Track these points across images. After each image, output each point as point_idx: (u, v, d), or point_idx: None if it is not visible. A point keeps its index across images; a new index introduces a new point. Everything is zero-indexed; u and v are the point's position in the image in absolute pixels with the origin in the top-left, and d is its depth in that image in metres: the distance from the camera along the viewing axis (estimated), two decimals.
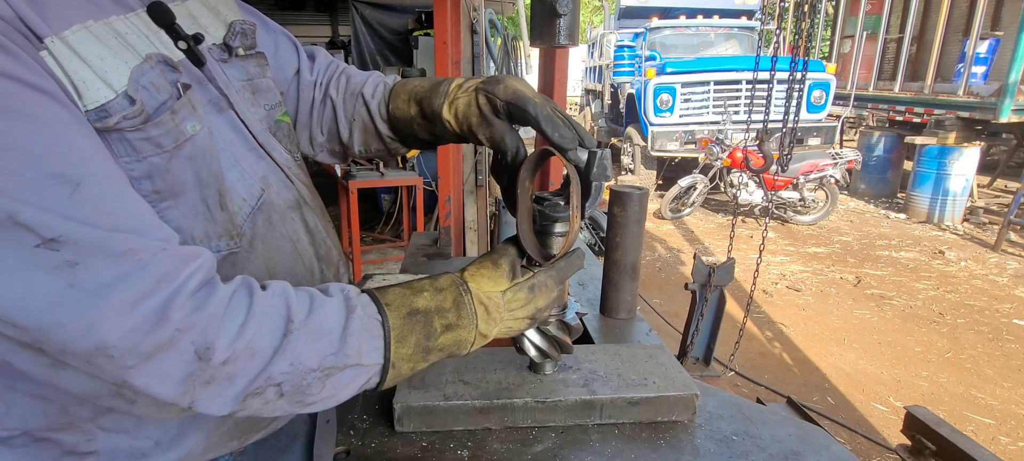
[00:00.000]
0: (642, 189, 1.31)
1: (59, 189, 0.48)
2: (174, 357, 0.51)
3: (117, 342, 0.48)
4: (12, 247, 0.45)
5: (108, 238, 0.49)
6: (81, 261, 0.47)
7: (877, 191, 8.46)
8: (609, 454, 0.84)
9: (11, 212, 0.45)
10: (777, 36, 3.31)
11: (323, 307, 0.62)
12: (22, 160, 0.47)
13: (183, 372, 0.52)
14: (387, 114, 0.93)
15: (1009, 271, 5.38)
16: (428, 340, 0.68)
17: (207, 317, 0.53)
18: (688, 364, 1.46)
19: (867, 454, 2.83)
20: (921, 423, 1.16)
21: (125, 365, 0.49)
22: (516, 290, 0.74)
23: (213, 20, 0.76)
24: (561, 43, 1.15)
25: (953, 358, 3.81)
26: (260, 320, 0.56)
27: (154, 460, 0.65)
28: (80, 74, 0.54)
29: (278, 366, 0.57)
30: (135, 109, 0.58)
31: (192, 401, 0.54)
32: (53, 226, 0.46)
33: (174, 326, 0.50)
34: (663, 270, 5.59)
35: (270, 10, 9.61)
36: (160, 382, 0.51)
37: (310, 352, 0.59)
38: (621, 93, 9.48)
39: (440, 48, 2.08)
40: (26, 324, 0.46)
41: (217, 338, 0.53)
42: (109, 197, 0.52)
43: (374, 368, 0.65)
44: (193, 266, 0.54)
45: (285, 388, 0.58)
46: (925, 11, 8.56)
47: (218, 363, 0.53)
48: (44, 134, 0.49)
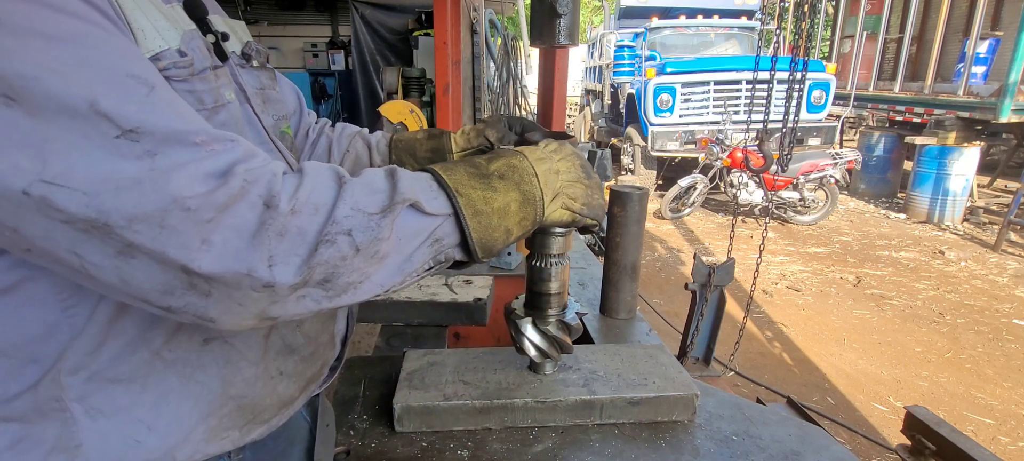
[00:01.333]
0: (642, 189, 1.31)
1: (137, 87, 0.50)
2: (246, 207, 0.52)
3: (191, 195, 0.49)
4: (92, 136, 0.47)
5: (183, 130, 0.51)
6: (159, 151, 0.49)
7: (877, 191, 8.46)
8: (609, 454, 0.84)
9: (92, 100, 0.47)
10: (777, 36, 3.31)
11: (367, 171, 0.63)
12: (102, 57, 0.49)
13: (256, 222, 0.52)
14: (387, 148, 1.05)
15: (1009, 271, 5.38)
16: (478, 169, 0.69)
17: (269, 173, 0.54)
18: (688, 364, 1.46)
19: (867, 454, 2.83)
20: (921, 423, 1.16)
21: (202, 218, 0.50)
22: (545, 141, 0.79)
23: (232, 36, 0.80)
24: (561, 43, 1.15)
25: (953, 358, 3.81)
26: (313, 179, 0.58)
27: (149, 448, 0.63)
28: (139, 22, 0.57)
29: (341, 210, 0.57)
30: (186, 61, 0.62)
31: (270, 258, 0.53)
32: (132, 117, 0.48)
33: (241, 178, 0.52)
34: (663, 270, 5.59)
35: (271, 10, 9.62)
36: (237, 235, 0.51)
37: (367, 199, 0.59)
38: (621, 93, 9.48)
39: (440, 48, 2.09)
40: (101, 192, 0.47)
41: (280, 190, 0.54)
42: (180, 102, 0.54)
43: (442, 219, 0.64)
44: (260, 155, 0.56)
45: (356, 235, 0.57)
46: (925, 11, 8.56)
47: (286, 211, 0.54)
48: (119, 41, 0.52)
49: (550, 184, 0.74)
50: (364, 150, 1.06)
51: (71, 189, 0.46)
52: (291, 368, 0.76)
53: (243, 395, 0.70)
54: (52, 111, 0.46)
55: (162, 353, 0.63)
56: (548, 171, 0.74)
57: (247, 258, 0.52)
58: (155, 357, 0.63)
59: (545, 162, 0.75)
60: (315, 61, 9.92)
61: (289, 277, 0.54)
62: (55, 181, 0.46)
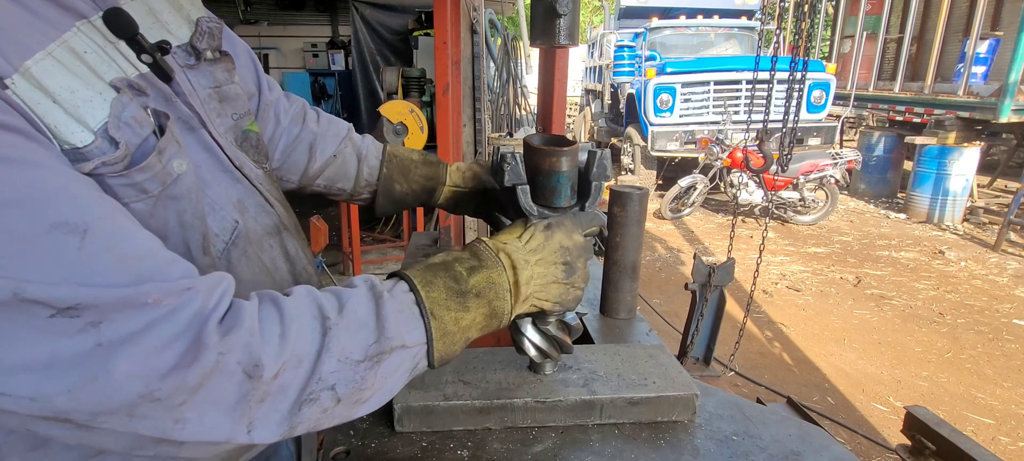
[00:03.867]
0: (642, 189, 1.31)
1: (65, 242, 0.42)
2: (224, 380, 0.47)
3: (161, 381, 0.44)
4: (23, 322, 0.40)
5: (131, 292, 0.44)
6: (104, 319, 0.43)
7: (877, 191, 8.46)
8: (609, 454, 0.84)
9: (16, 289, 0.40)
10: (777, 36, 3.31)
11: (352, 299, 0.59)
12: (17, 216, 0.41)
13: (236, 395, 0.48)
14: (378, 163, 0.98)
15: (1009, 271, 5.38)
16: (457, 283, 0.65)
17: (247, 333, 0.49)
18: (688, 364, 1.46)
19: (867, 454, 2.83)
20: (921, 423, 1.16)
21: (175, 403, 0.45)
22: (531, 232, 0.73)
23: (175, 17, 0.67)
24: (561, 43, 1.14)
25: (953, 358, 3.81)
26: (297, 324, 0.53)
27: None
28: (51, 115, 0.46)
29: (327, 365, 0.53)
30: (119, 153, 0.51)
31: (250, 424, 0.49)
32: (66, 295, 0.41)
33: (216, 351, 0.47)
34: (663, 270, 5.59)
35: (271, 10, 9.63)
36: (215, 409, 0.47)
37: (353, 344, 0.56)
38: (621, 93, 9.48)
39: (440, 48, 2.08)
40: (51, 395, 0.41)
41: (262, 352, 0.49)
42: (121, 238, 0.46)
43: (419, 346, 0.62)
44: (218, 293, 0.50)
45: (339, 389, 0.55)
46: (925, 11, 8.56)
47: (269, 378, 0.49)
48: (34, 178, 0.42)
49: (522, 294, 0.71)
50: (352, 160, 0.98)
51: (15, 396, 0.41)
52: None
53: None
54: None
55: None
56: (525, 280, 0.70)
57: (226, 429, 0.48)
58: None
59: (524, 269, 0.70)
60: (315, 61, 9.93)
61: (269, 437, 0.51)
62: None
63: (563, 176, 0.84)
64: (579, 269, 0.76)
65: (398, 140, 4.60)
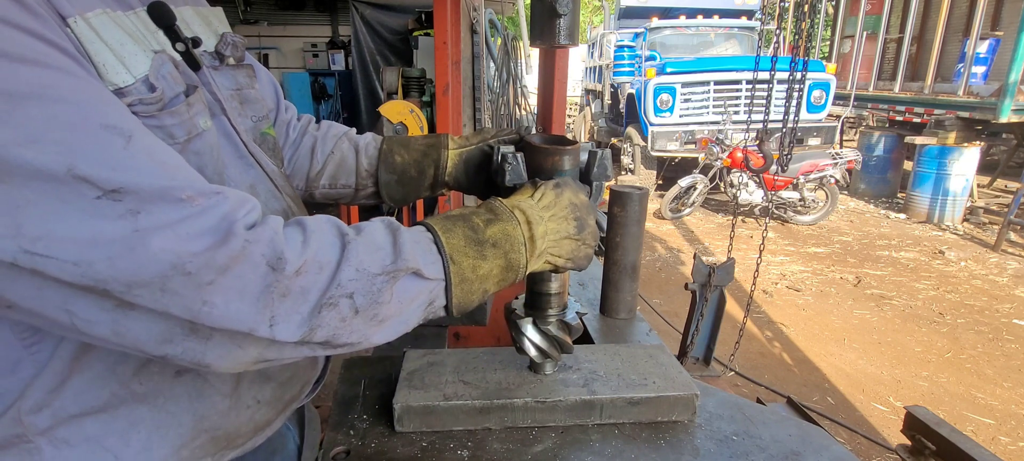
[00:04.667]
0: (642, 189, 1.31)
1: (114, 139, 0.48)
2: (249, 269, 0.51)
3: (192, 258, 0.48)
4: (73, 200, 0.45)
5: (168, 187, 0.49)
6: (143, 209, 0.47)
7: (877, 191, 8.46)
8: (609, 454, 0.84)
9: (69, 165, 0.45)
10: (777, 36, 3.31)
11: (369, 226, 0.64)
12: (74, 111, 0.46)
13: (260, 284, 0.52)
14: (376, 150, 1.00)
15: (1009, 271, 5.38)
16: (475, 232, 0.69)
17: (271, 231, 0.53)
18: (688, 364, 1.45)
19: (867, 454, 2.83)
20: (921, 423, 1.16)
21: (203, 281, 0.49)
22: (542, 191, 0.76)
23: (205, 28, 0.76)
24: (561, 43, 1.14)
25: (953, 358, 3.81)
26: (318, 236, 0.57)
27: None
28: (101, 55, 0.54)
29: (346, 273, 0.57)
30: (154, 95, 0.58)
31: (272, 318, 0.53)
32: (112, 178, 0.46)
33: (243, 238, 0.51)
34: (663, 270, 5.59)
35: (270, 10, 9.63)
36: (239, 297, 0.51)
37: (371, 260, 0.59)
38: (621, 93, 9.48)
39: (440, 48, 2.09)
40: (93, 260, 0.46)
41: (285, 248, 0.53)
42: (159, 149, 0.52)
43: (436, 283, 0.65)
44: (248, 206, 0.54)
45: (357, 298, 0.58)
46: (925, 11, 8.56)
47: (291, 273, 0.53)
48: (90, 88, 0.49)
49: (537, 248, 0.74)
50: (351, 152, 1.00)
51: (59, 259, 0.45)
52: (268, 396, 0.74)
53: (216, 427, 0.69)
54: (24, 176, 0.44)
55: (132, 385, 0.61)
56: (540, 235, 0.74)
57: (249, 318, 0.52)
58: (124, 389, 0.61)
59: (539, 225, 0.74)
60: (315, 61, 9.93)
61: (290, 335, 0.55)
62: (38, 251, 0.44)
63: (564, 176, 0.84)
64: (589, 226, 0.79)
65: None
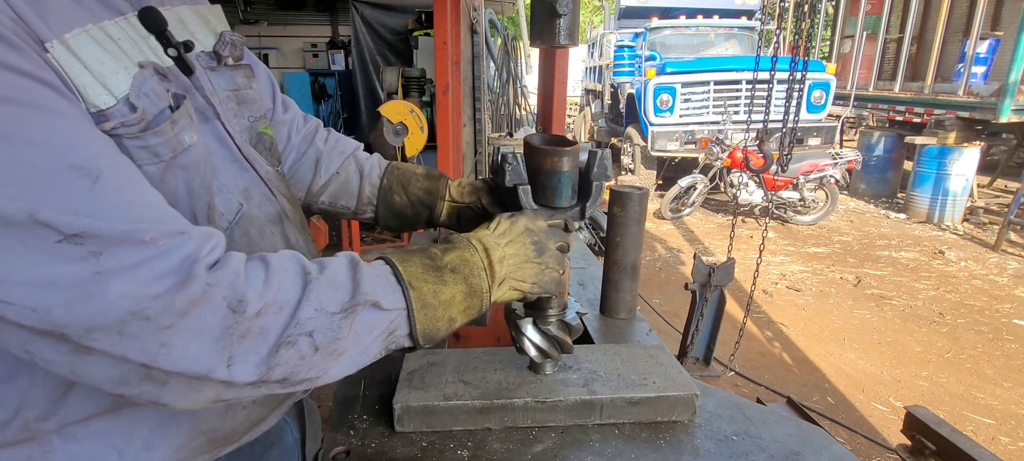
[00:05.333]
0: (642, 189, 1.31)
1: (79, 182, 0.48)
2: (209, 312, 0.52)
3: (151, 302, 0.49)
4: (33, 244, 0.46)
5: (130, 229, 0.49)
6: (105, 251, 0.47)
7: (877, 191, 8.46)
8: (609, 454, 0.84)
9: (31, 211, 0.45)
10: (777, 36, 3.31)
11: (332, 263, 0.65)
12: (42, 153, 0.47)
13: (220, 327, 0.52)
14: (379, 178, 1.01)
15: (1009, 271, 5.38)
16: (432, 261, 0.71)
17: (232, 273, 0.54)
18: (688, 364, 1.45)
19: (867, 454, 2.83)
20: (921, 423, 1.16)
21: (162, 325, 0.49)
22: (496, 221, 0.80)
23: (202, 28, 0.76)
24: (561, 43, 1.15)
25: (953, 358, 3.81)
26: (280, 276, 0.58)
27: None
28: (81, 79, 0.53)
29: (305, 312, 0.58)
30: (135, 116, 0.57)
31: (230, 359, 0.54)
32: (73, 223, 0.47)
33: (204, 281, 0.51)
34: (663, 270, 5.59)
35: (270, 10, 9.62)
36: (198, 339, 0.51)
37: (330, 298, 0.60)
38: (621, 93, 9.47)
39: (440, 48, 2.09)
40: (51, 306, 0.46)
41: (246, 290, 0.54)
42: (128, 188, 0.52)
43: (396, 313, 0.66)
44: (211, 244, 0.55)
45: (317, 336, 0.59)
46: (925, 11, 8.55)
47: (252, 314, 0.54)
48: (60, 126, 0.49)
49: (498, 274, 0.75)
50: (355, 177, 1.01)
51: (17, 305, 0.46)
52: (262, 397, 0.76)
53: (214, 429, 0.71)
54: None
55: None
56: (498, 260, 0.76)
57: (207, 360, 0.52)
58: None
59: (496, 250, 0.76)
60: (315, 61, 9.92)
61: (247, 376, 0.55)
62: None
63: (564, 176, 0.84)
64: (549, 249, 0.81)
65: (398, 140, 4.59)
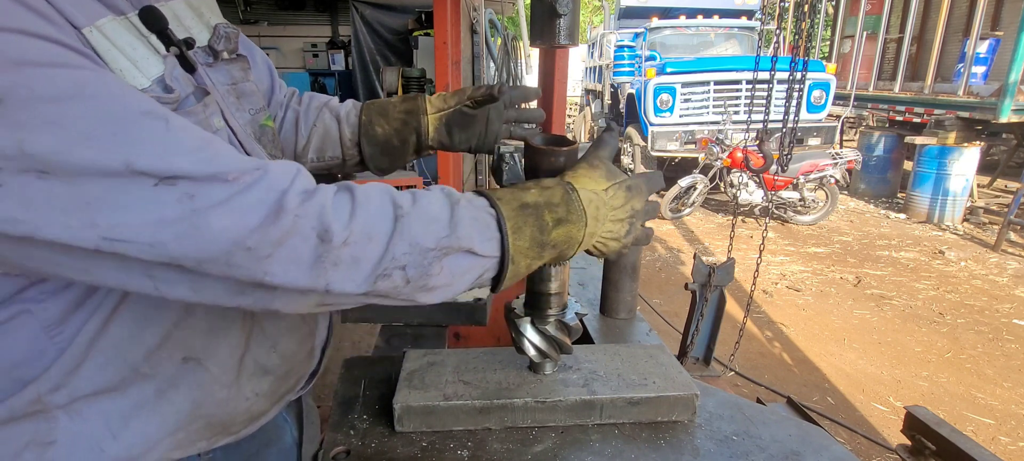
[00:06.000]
0: None
1: (156, 124, 0.51)
2: (300, 241, 0.55)
3: (249, 235, 0.52)
4: (135, 191, 0.49)
5: (215, 168, 0.52)
6: (197, 192, 0.51)
7: (877, 191, 8.46)
8: (609, 454, 0.84)
9: (127, 160, 0.48)
10: (777, 36, 3.31)
11: (426, 197, 0.65)
12: (115, 104, 0.49)
13: (311, 255, 0.56)
14: (356, 118, 1.00)
15: (1009, 271, 5.38)
16: (541, 234, 0.70)
17: (318, 204, 0.56)
18: (688, 364, 1.46)
19: (867, 454, 2.83)
20: (921, 423, 1.16)
21: (261, 255, 0.53)
22: (616, 189, 0.76)
23: (196, 21, 0.75)
24: (561, 43, 1.15)
25: (953, 358, 3.81)
26: (367, 208, 0.60)
27: (111, 455, 0.65)
28: (117, 62, 0.56)
29: (399, 247, 0.60)
30: (172, 97, 0.60)
31: (327, 283, 0.57)
32: (164, 167, 0.50)
33: (293, 213, 0.54)
34: (663, 270, 5.59)
35: (271, 10, 9.62)
36: (294, 267, 0.55)
37: (424, 233, 0.62)
38: (621, 93, 9.48)
39: (440, 48, 2.09)
40: (165, 241, 0.50)
41: (332, 221, 0.56)
42: (194, 128, 0.55)
43: (490, 261, 0.67)
44: (291, 173, 0.57)
45: (409, 270, 0.61)
46: (925, 11, 8.55)
47: (339, 244, 0.56)
48: (112, 82, 0.51)
49: (588, 243, 0.75)
50: (333, 123, 1.01)
51: (136, 243, 0.50)
52: (265, 389, 0.76)
53: (212, 414, 0.71)
54: (88, 175, 0.48)
55: (141, 367, 0.65)
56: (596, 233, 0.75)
57: (306, 281, 0.57)
58: (133, 372, 0.64)
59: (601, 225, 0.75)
60: (315, 61, 9.91)
61: (345, 293, 0.60)
62: (116, 237, 0.49)
63: None
64: (636, 231, 0.80)
65: None
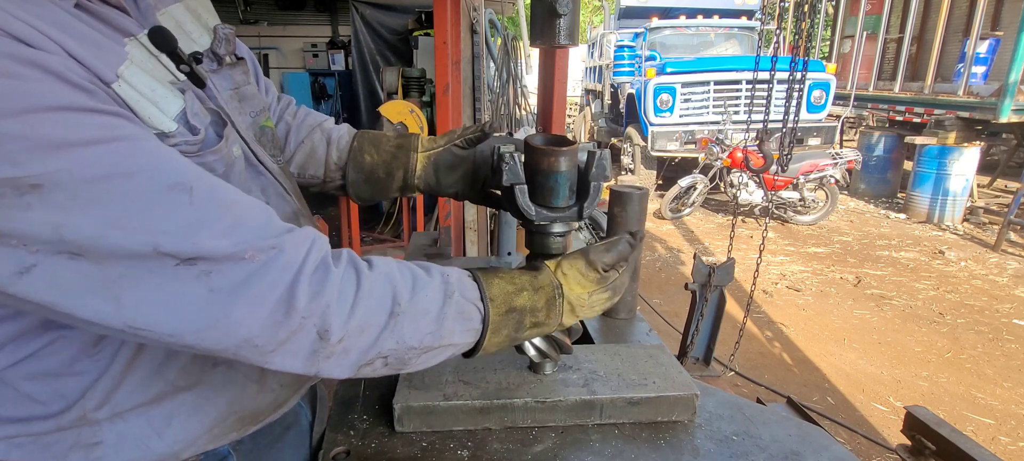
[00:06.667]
0: (642, 189, 1.31)
1: (180, 199, 0.53)
2: (302, 339, 0.59)
3: (259, 333, 0.57)
4: (158, 272, 0.52)
5: (233, 246, 0.55)
6: (214, 269, 0.54)
7: (877, 191, 8.46)
8: (609, 454, 0.84)
9: (154, 245, 0.51)
10: (777, 36, 3.31)
11: (425, 288, 0.69)
12: (141, 181, 0.51)
13: (309, 350, 0.60)
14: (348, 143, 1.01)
15: (1009, 271, 5.38)
16: (517, 332, 0.75)
17: (325, 304, 0.60)
18: (688, 364, 1.45)
19: (867, 454, 2.83)
20: (921, 423, 1.16)
21: (266, 351, 0.58)
22: (600, 291, 0.80)
23: (197, 26, 0.75)
24: (561, 43, 1.14)
25: (953, 358, 3.81)
26: (368, 301, 0.63)
27: (157, 451, 0.68)
28: (145, 110, 0.58)
29: (386, 343, 0.65)
30: (198, 137, 0.63)
31: (317, 370, 0.62)
32: (186, 247, 0.52)
33: (300, 314, 0.58)
34: (663, 270, 5.59)
35: (271, 10, 9.62)
36: (292, 360, 0.60)
37: (412, 332, 0.66)
38: (621, 93, 9.47)
39: (440, 48, 2.09)
40: (183, 333, 0.54)
41: (333, 322, 0.60)
42: (215, 188, 0.57)
43: (464, 347, 0.73)
44: (306, 247, 0.60)
45: (390, 360, 0.66)
46: (925, 11, 8.55)
47: (335, 342, 0.61)
48: (146, 149, 0.53)
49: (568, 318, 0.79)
50: (322, 144, 1.01)
51: (157, 332, 0.54)
52: (288, 379, 0.80)
53: (245, 408, 0.75)
54: (117, 257, 0.50)
55: (176, 381, 0.69)
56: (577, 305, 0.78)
57: (300, 369, 0.62)
58: (169, 385, 0.68)
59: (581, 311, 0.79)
60: (315, 61, 9.90)
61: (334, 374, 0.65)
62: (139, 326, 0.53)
63: (561, 176, 0.84)
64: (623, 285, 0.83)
65: None
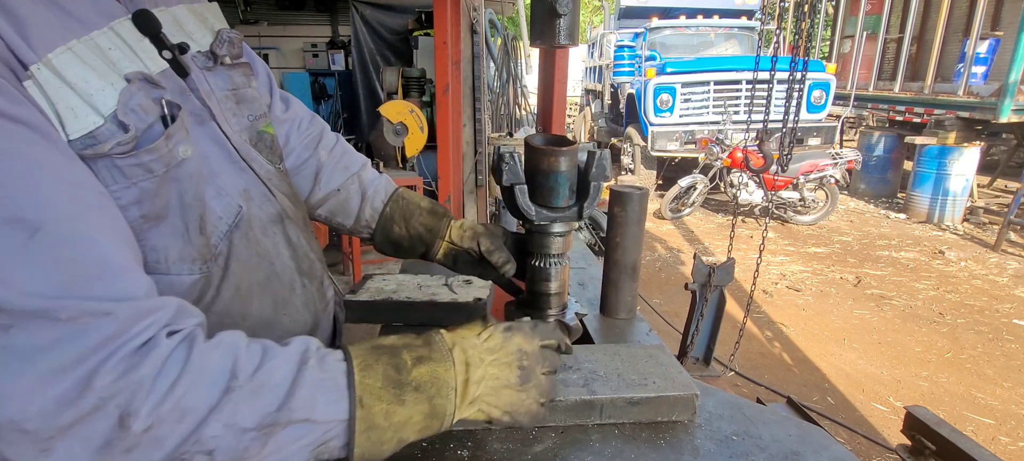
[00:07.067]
0: (642, 189, 1.31)
1: (12, 236, 0.45)
2: (95, 425, 0.47)
3: (34, 415, 0.45)
4: None
5: (46, 306, 0.45)
6: (16, 324, 0.45)
7: (877, 191, 8.46)
8: (609, 454, 0.84)
9: None
10: (777, 36, 3.31)
11: (275, 359, 0.57)
12: None
13: (101, 441, 0.48)
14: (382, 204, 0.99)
15: (1009, 271, 5.38)
16: (399, 373, 0.62)
17: (136, 382, 0.49)
18: (688, 364, 1.45)
19: (867, 454, 2.83)
20: (921, 423, 1.16)
21: (43, 437, 0.46)
22: (491, 332, 0.72)
23: (199, 27, 0.75)
24: (561, 43, 1.14)
25: (953, 358, 3.81)
26: (195, 377, 0.52)
27: None
28: (67, 101, 0.53)
29: (210, 428, 0.51)
30: (128, 136, 0.57)
31: None
32: None
33: (98, 394, 0.47)
34: (663, 270, 5.59)
35: (271, 10, 9.62)
36: (81, 448, 0.47)
37: (249, 410, 0.53)
38: (621, 93, 9.47)
39: (440, 48, 2.09)
40: None
41: (141, 404, 0.48)
42: (75, 241, 0.48)
43: (333, 425, 0.58)
44: (141, 325, 0.50)
45: (217, 455, 0.52)
46: (925, 11, 8.55)
47: (139, 430, 0.48)
48: (15, 172, 0.46)
49: (470, 395, 0.67)
50: (356, 198, 0.99)
51: None
52: None
53: None
54: None
55: None
56: (475, 380, 0.67)
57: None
58: None
59: (478, 368, 0.68)
60: (315, 61, 9.91)
61: None
62: None
63: (561, 176, 0.84)
64: (535, 378, 0.72)
65: (398, 140, 4.60)
